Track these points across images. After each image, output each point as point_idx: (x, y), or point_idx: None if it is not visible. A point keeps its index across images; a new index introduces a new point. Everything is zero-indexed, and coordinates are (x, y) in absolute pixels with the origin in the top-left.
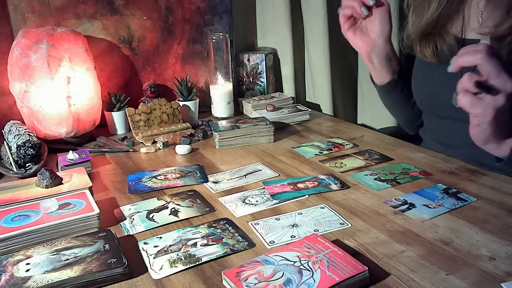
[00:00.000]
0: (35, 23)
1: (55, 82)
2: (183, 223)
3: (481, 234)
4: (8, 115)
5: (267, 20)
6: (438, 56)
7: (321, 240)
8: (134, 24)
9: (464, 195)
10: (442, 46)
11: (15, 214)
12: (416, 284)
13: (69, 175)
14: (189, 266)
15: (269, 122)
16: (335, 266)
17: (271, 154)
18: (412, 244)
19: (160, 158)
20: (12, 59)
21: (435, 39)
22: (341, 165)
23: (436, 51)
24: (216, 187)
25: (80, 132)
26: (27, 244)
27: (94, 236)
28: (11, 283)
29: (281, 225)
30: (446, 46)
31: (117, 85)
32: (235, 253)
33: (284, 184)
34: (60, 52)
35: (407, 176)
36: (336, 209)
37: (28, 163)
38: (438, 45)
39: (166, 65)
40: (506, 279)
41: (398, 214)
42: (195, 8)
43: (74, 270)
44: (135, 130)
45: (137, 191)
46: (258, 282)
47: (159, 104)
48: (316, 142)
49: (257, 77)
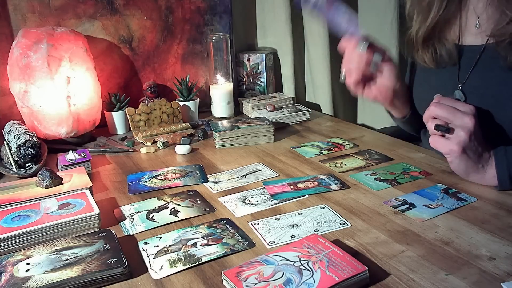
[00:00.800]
0: (35, 23)
1: (55, 82)
2: (183, 223)
3: (481, 234)
4: (8, 115)
5: (267, 20)
6: (437, 61)
7: (321, 240)
8: (134, 24)
9: (464, 195)
10: (441, 51)
11: (15, 214)
12: (416, 284)
13: (69, 175)
14: (189, 266)
15: (269, 122)
16: (335, 266)
17: (271, 154)
18: (412, 244)
19: (160, 158)
20: (12, 59)
21: (434, 45)
22: (341, 165)
23: (435, 56)
24: (216, 187)
25: (80, 132)
26: (27, 244)
27: (94, 236)
28: (11, 283)
29: (281, 225)
30: (445, 51)
31: (117, 85)
32: (235, 253)
33: (284, 184)
34: (60, 52)
35: (407, 176)
36: (336, 209)
37: (28, 163)
38: (438, 50)
39: (166, 65)
40: (506, 279)
41: (398, 214)
42: (195, 8)
43: (74, 270)
44: (135, 130)
45: (137, 191)
46: (258, 282)
47: (159, 104)
48: (316, 142)
49: (257, 77)
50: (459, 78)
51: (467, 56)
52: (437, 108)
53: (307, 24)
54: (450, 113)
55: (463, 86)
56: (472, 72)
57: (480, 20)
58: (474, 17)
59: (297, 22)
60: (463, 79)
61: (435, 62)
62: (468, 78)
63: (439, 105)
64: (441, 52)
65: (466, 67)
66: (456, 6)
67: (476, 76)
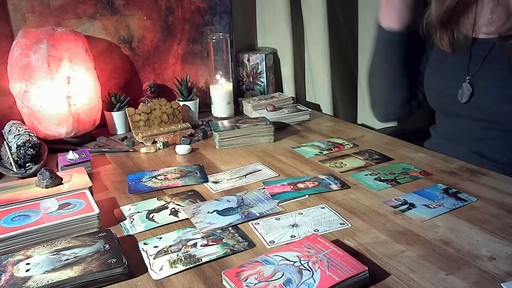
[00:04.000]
0: (35, 23)
1: (55, 82)
2: (183, 223)
3: (481, 234)
4: (8, 115)
5: (267, 20)
6: (454, 45)
7: (321, 240)
8: (134, 24)
9: (464, 195)
10: (458, 35)
11: (15, 214)
12: (416, 284)
13: (69, 175)
14: (189, 267)
15: (269, 122)
16: (335, 266)
17: (271, 154)
18: (412, 244)
19: (160, 158)
20: (12, 59)
21: (452, 28)
22: (341, 165)
23: (452, 40)
24: (216, 187)
25: (80, 132)
26: (27, 244)
27: (94, 236)
28: (11, 283)
29: (281, 225)
30: (462, 36)
31: (117, 85)
32: (235, 253)
33: (284, 184)
34: (60, 52)
35: (407, 176)
36: (336, 209)
37: (28, 163)
38: (455, 33)
39: (166, 65)
40: (506, 279)
41: (398, 214)
42: (195, 8)
43: (74, 270)
44: (135, 130)
45: (137, 191)
46: (258, 282)
47: (159, 104)
48: (316, 142)
49: (257, 77)
50: (469, 70)
51: (478, 48)
52: None
53: (307, 24)
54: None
55: (472, 78)
56: (482, 65)
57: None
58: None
59: (297, 22)
60: (472, 71)
61: (452, 45)
62: (478, 71)
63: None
64: (459, 35)
65: (476, 59)
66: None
67: (485, 70)
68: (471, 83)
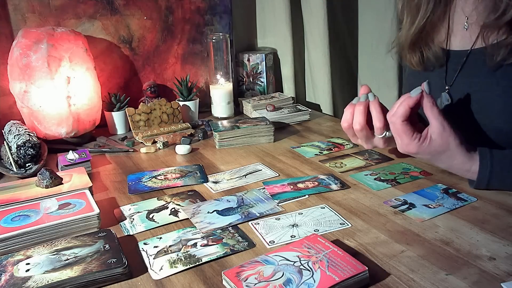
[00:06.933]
0: (35, 23)
1: (55, 82)
2: (183, 223)
3: (481, 234)
4: (8, 115)
5: (267, 20)
6: (425, 64)
7: (321, 240)
8: (134, 24)
9: (464, 195)
10: (428, 54)
11: (15, 214)
12: (416, 284)
13: (69, 175)
14: (189, 267)
15: (269, 122)
16: (335, 266)
17: (271, 154)
18: (412, 244)
19: (160, 158)
20: (12, 59)
21: (421, 48)
22: (341, 165)
23: (422, 59)
24: (216, 187)
25: (80, 132)
26: (27, 244)
27: (94, 236)
28: (11, 283)
29: (281, 225)
30: (432, 54)
31: (117, 85)
32: (235, 253)
33: (284, 184)
34: (60, 52)
35: (407, 176)
36: (336, 209)
37: (28, 163)
38: (424, 53)
39: (166, 65)
40: (506, 279)
41: (398, 214)
42: (195, 8)
43: (74, 270)
44: (135, 130)
45: (137, 191)
46: (258, 282)
47: (159, 104)
48: (316, 142)
49: (257, 77)
50: (446, 80)
51: (454, 60)
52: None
53: (307, 24)
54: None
55: (450, 88)
56: (458, 76)
57: (469, 20)
58: (463, 18)
59: (297, 22)
60: (450, 82)
61: (423, 64)
62: (455, 81)
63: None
64: (428, 55)
65: (452, 70)
66: (443, 8)
67: (462, 80)
68: (449, 93)
